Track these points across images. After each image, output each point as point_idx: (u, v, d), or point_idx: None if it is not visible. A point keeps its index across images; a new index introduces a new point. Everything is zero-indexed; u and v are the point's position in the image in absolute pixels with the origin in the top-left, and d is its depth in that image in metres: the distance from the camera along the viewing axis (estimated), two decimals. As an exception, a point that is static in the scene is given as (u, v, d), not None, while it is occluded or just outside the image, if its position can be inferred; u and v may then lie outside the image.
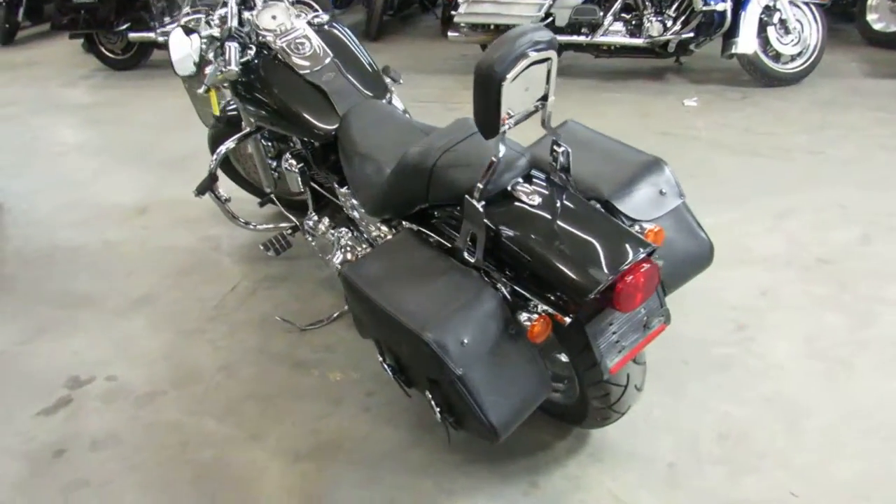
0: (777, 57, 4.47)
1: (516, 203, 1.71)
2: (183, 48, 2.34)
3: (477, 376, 1.59)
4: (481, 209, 1.64)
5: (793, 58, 4.48)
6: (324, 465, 2.09)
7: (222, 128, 2.95)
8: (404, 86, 5.10)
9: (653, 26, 4.56)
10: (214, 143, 2.99)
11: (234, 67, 2.29)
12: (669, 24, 4.54)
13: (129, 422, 2.31)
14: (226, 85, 2.51)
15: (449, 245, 1.84)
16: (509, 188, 1.73)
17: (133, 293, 3.00)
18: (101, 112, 5.21)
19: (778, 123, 4.04)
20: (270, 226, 3.05)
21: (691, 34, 4.50)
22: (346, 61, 2.44)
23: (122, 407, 2.38)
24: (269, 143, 2.81)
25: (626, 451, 2.05)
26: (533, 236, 1.63)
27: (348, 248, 2.40)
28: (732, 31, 4.36)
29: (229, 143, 2.74)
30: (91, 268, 3.23)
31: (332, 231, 2.52)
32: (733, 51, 4.35)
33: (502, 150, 1.59)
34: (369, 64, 2.51)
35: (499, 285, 1.69)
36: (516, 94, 1.52)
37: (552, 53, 1.53)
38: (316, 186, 2.65)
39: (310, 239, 2.71)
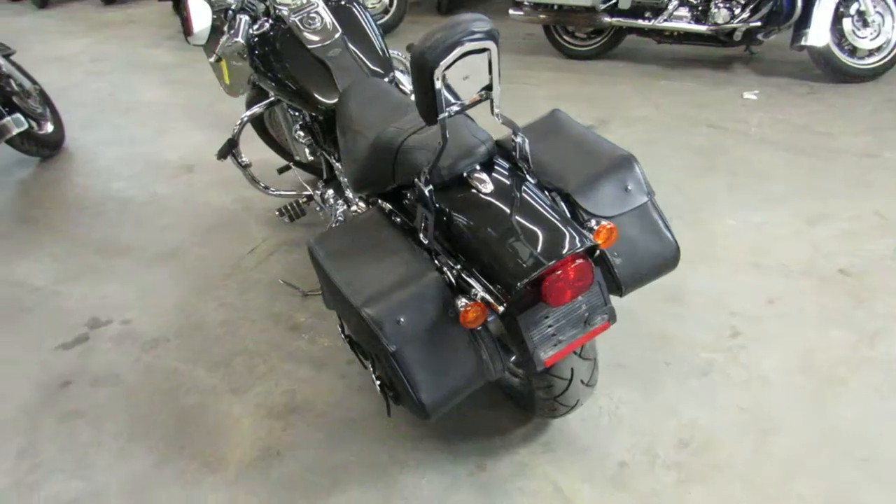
0: (853, 51, 4.17)
1: (469, 189, 1.72)
2: (203, 18, 2.46)
3: (410, 355, 1.64)
4: (427, 192, 1.67)
5: (870, 53, 4.16)
6: (291, 424, 2.20)
7: (255, 95, 3.08)
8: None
9: (719, 13, 4.34)
10: (248, 109, 3.12)
11: (240, 39, 2.39)
12: (738, 11, 4.31)
13: (131, 364, 2.51)
14: (244, 56, 2.62)
15: (411, 225, 1.88)
16: (465, 174, 1.74)
17: (165, 246, 3.21)
18: (175, 73, 5.51)
19: (840, 122, 3.79)
20: (291, 192, 3.17)
21: (759, 23, 4.25)
22: (354, 38, 2.49)
23: (128, 349, 2.58)
24: (296, 113, 2.92)
25: (581, 446, 2.05)
26: (476, 223, 1.65)
27: (339, 221, 2.48)
28: (804, 21, 4.09)
29: (253, 111, 2.86)
30: (135, 219, 3.47)
31: (334, 203, 2.61)
32: (803, 42, 4.09)
33: (468, 134, 1.60)
34: (378, 43, 2.55)
35: (445, 269, 1.72)
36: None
37: (490, 44, 1.52)
38: (328, 157, 2.74)
39: (318, 209, 2.81)
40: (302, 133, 2.62)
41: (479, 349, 1.70)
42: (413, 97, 2.36)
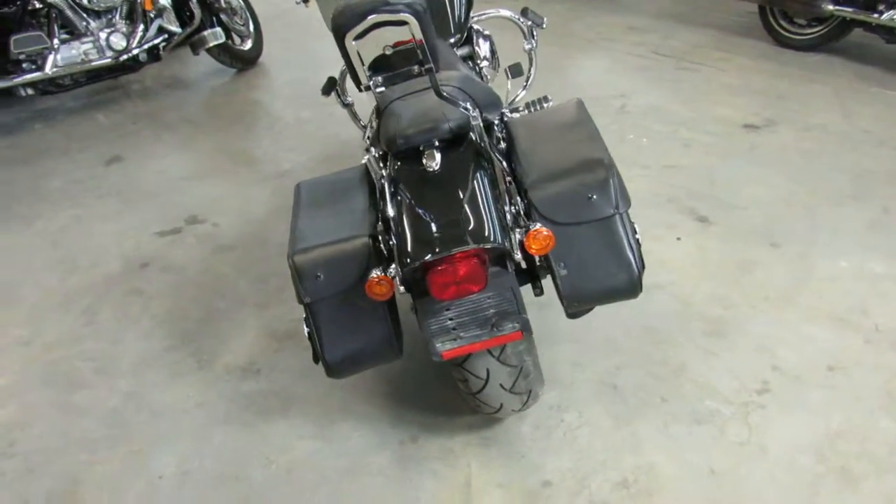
0: None
1: (418, 164, 1.69)
2: None
3: (323, 311, 1.68)
4: (364, 159, 1.68)
5: None
6: (283, 348, 2.37)
7: None
8: (649, 32, 4.78)
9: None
10: None
11: None
12: None
13: (198, 261, 2.85)
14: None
15: None
16: (421, 148, 1.71)
17: (281, 166, 3.52)
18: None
19: None
20: None
21: None
22: (435, 1, 2.47)
23: (203, 248, 2.93)
24: None
25: (519, 451, 1.95)
26: (404, 199, 1.63)
27: None
28: None
29: None
30: (275, 136, 3.84)
31: None
32: None
33: (437, 108, 1.60)
34: (457, 4, 2.49)
35: (381, 237, 1.72)
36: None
37: (408, 17, 1.45)
38: None
39: None
40: None
41: (388, 323, 1.70)
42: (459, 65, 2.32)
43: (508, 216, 1.67)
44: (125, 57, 4.11)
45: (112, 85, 4.63)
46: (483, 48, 2.55)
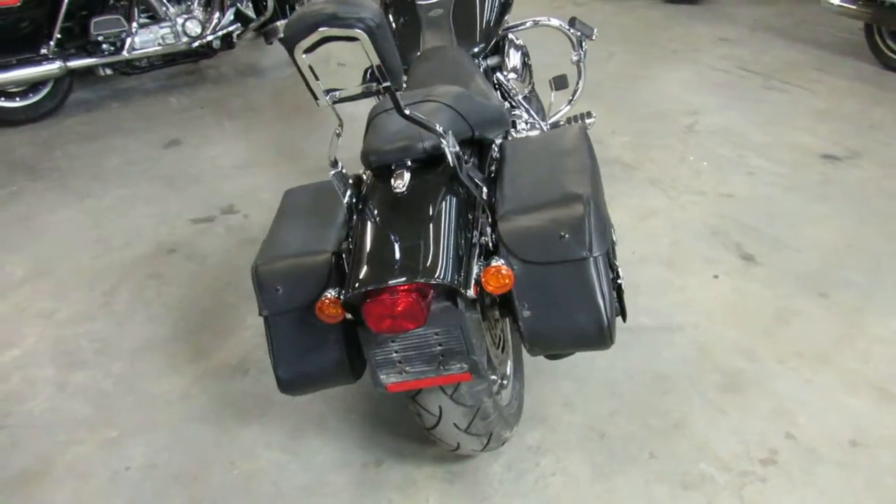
0: None
1: (387, 184, 1.61)
2: None
3: (279, 326, 1.62)
4: (331, 174, 1.62)
5: None
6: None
7: None
8: (741, 45, 4.45)
9: None
10: None
11: None
12: None
13: (221, 252, 2.88)
14: None
15: None
16: (393, 167, 1.62)
17: (324, 162, 3.50)
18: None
19: None
20: None
21: None
22: (465, 7, 2.36)
23: (229, 239, 2.96)
24: None
25: (484, 493, 1.82)
26: (365, 220, 1.55)
27: None
28: None
29: None
30: (327, 131, 3.82)
31: None
32: None
33: (414, 127, 1.52)
34: (489, 15, 2.37)
35: (345, 254, 1.65)
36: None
37: (359, 33, 1.35)
38: None
39: None
40: None
41: (342, 347, 1.62)
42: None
43: (478, 248, 1.56)
44: (198, 43, 4.23)
45: (192, 69, 4.80)
46: (513, 59, 2.41)
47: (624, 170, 3.26)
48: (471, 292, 1.46)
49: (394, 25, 2.42)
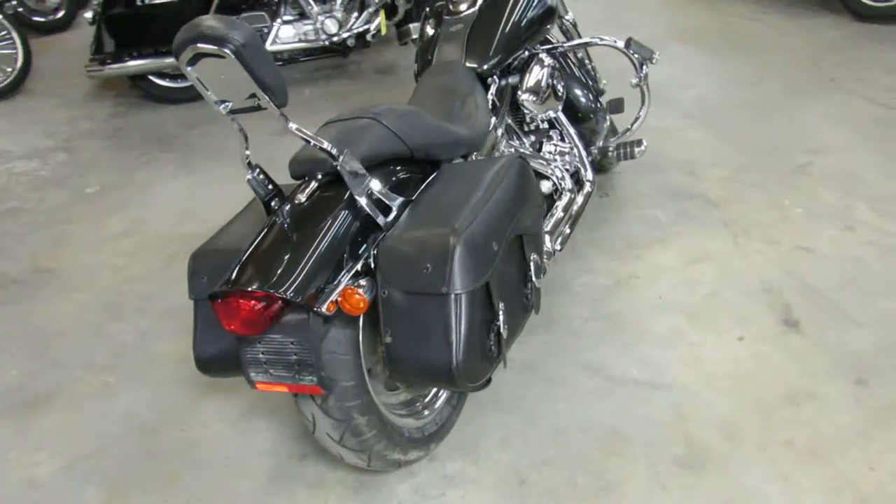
0: None
1: (296, 193, 1.68)
2: None
3: (203, 311, 1.75)
4: (247, 179, 1.71)
5: None
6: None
7: None
8: (826, 69, 3.82)
9: None
10: None
11: None
12: None
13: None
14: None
15: None
16: (307, 178, 1.69)
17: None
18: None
19: None
20: None
21: None
22: (485, 20, 2.31)
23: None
24: None
25: (362, 501, 1.83)
26: (266, 226, 1.64)
27: None
28: None
29: None
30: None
31: None
32: None
33: (327, 143, 1.58)
34: (505, 33, 2.29)
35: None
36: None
37: (226, 52, 1.40)
38: None
39: None
40: None
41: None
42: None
43: (358, 267, 1.57)
44: (334, 41, 4.53)
45: (336, 63, 5.13)
46: (533, 78, 2.31)
47: (703, 207, 2.96)
48: (324, 309, 1.48)
49: (423, 38, 2.44)
